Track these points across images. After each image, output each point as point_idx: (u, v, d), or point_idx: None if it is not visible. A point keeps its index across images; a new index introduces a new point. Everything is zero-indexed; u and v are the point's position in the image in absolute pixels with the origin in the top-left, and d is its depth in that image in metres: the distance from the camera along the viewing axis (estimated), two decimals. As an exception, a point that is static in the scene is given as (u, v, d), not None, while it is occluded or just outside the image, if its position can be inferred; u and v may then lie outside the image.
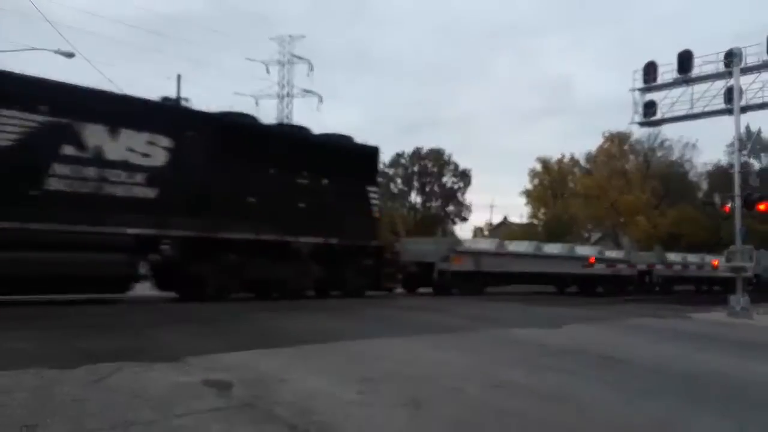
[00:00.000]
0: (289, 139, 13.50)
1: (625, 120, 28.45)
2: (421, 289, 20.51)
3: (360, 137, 14.61)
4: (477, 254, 21.43)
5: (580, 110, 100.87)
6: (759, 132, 36.97)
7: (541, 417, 4.50)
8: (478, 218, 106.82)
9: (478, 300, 17.75)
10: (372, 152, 14.27)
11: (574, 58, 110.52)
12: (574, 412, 4.75)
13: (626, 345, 8.98)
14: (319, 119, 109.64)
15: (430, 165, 61.65)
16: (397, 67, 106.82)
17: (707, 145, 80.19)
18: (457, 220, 62.19)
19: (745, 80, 17.06)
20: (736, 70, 16.59)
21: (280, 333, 8.66)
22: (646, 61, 18.90)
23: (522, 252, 23.76)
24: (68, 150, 10.91)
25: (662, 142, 46.32)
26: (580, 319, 12.47)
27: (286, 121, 66.64)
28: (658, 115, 19.21)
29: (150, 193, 11.62)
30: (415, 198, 62.52)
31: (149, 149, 11.72)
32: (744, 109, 17.07)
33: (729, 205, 16.28)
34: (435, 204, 62.22)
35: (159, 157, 11.81)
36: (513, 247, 24.21)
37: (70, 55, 19.73)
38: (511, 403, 4.89)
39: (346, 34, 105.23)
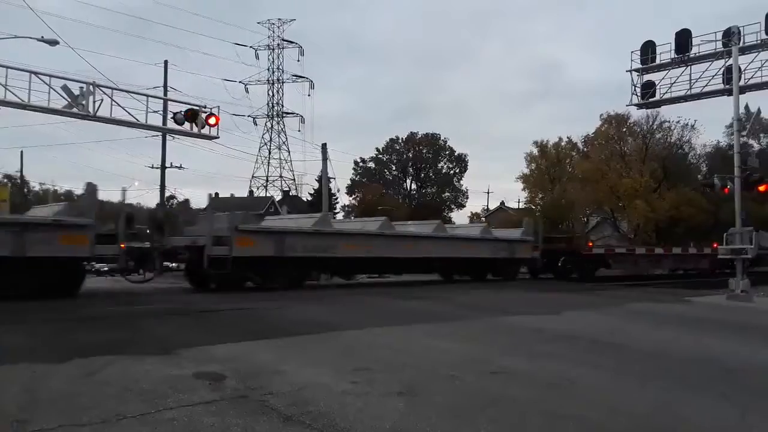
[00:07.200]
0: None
1: (623, 102, 28.41)
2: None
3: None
4: None
5: (576, 93, 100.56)
6: (758, 112, 36.41)
7: (538, 403, 4.45)
8: (473, 204, 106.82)
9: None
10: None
11: (565, 41, 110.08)
12: (572, 398, 4.70)
13: (624, 330, 8.92)
14: (310, 106, 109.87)
15: (425, 151, 61.19)
16: (387, 53, 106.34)
17: (706, 125, 79.92)
18: (453, 206, 62.11)
19: (743, 60, 16.88)
20: (735, 49, 16.32)
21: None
22: (641, 42, 18.77)
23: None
24: None
25: (661, 124, 45.65)
26: (580, 305, 12.44)
27: (277, 107, 66.84)
28: (657, 96, 19.04)
29: None
30: (410, 185, 62.17)
31: None
32: (743, 89, 16.86)
33: (729, 187, 16.16)
34: (431, 190, 61.89)
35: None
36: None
37: (54, 43, 19.32)
38: (509, 390, 4.84)
39: (335, 19, 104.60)
